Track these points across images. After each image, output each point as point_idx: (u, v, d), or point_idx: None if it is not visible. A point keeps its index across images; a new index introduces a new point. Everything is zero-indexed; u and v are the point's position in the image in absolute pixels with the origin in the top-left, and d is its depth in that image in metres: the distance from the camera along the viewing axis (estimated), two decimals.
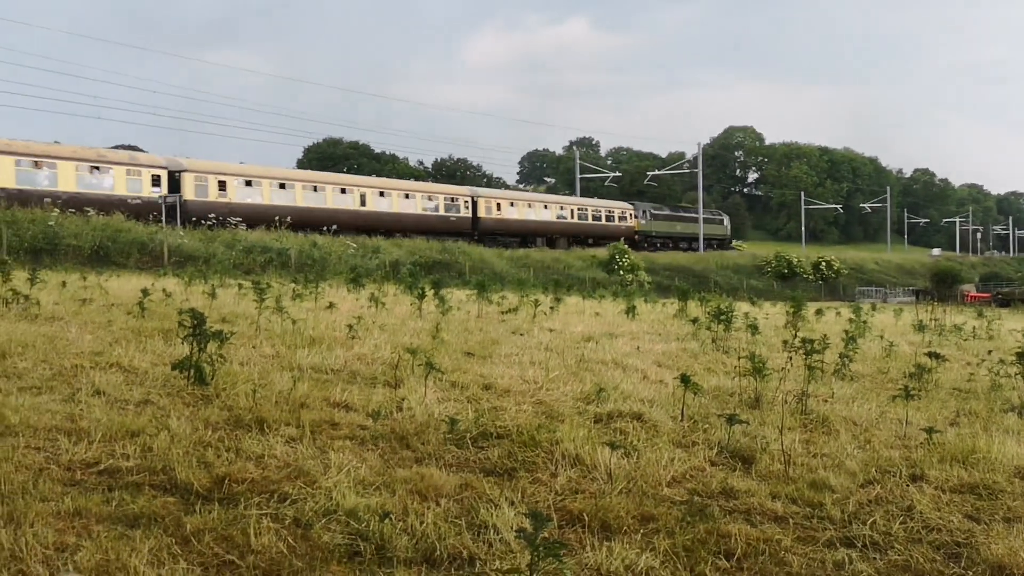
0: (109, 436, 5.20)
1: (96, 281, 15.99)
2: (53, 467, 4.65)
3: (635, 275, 48.80)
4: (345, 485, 4.53)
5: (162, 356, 7.88)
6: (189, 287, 16.38)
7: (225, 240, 31.36)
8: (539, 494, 4.70)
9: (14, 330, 8.89)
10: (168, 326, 9.39)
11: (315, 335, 9.95)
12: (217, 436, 5.38)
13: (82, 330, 9.33)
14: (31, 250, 24.39)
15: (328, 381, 7.32)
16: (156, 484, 4.51)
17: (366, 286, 19.54)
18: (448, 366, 8.13)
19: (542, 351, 10.19)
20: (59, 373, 6.97)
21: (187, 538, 3.80)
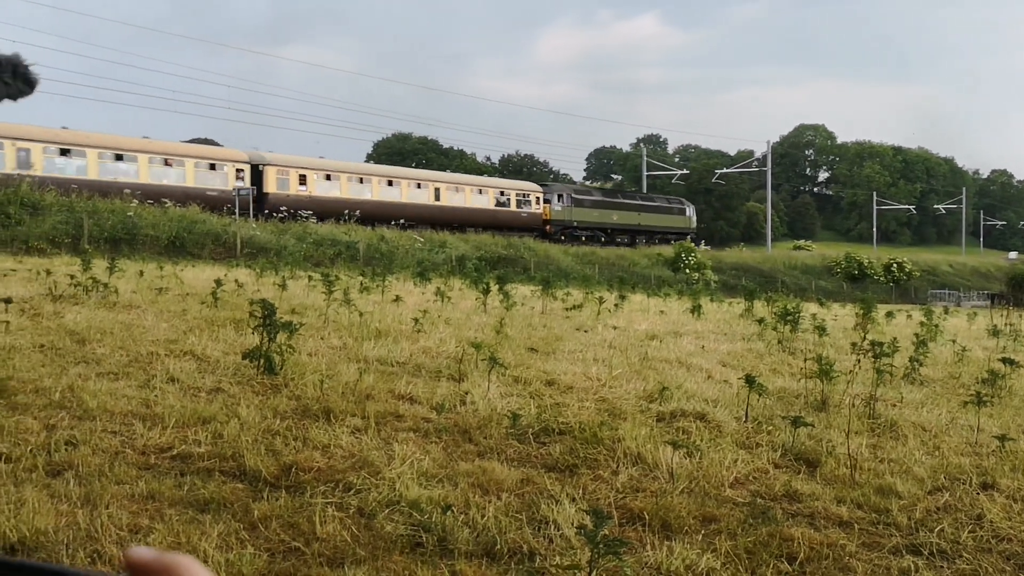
0: (182, 422, 5.36)
1: (172, 271, 16.41)
2: (128, 451, 4.81)
3: (701, 274, 48.30)
4: (408, 477, 4.60)
5: (233, 345, 8.07)
6: (260, 278, 16.73)
7: (296, 233, 31.94)
8: (600, 491, 4.71)
9: (93, 317, 9.21)
10: (240, 316, 9.60)
11: (381, 328, 10.07)
12: (285, 425, 5.50)
13: (158, 318, 9.61)
14: (110, 240, 25.14)
15: (393, 373, 7.42)
16: (226, 470, 4.63)
17: (432, 280, 19.70)
18: (512, 361, 8.17)
19: (606, 348, 10.16)
20: (135, 360, 7.19)
21: (254, 524, 3.90)
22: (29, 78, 1.55)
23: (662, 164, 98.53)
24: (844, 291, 50.95)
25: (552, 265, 39.61)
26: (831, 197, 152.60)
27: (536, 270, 34.70)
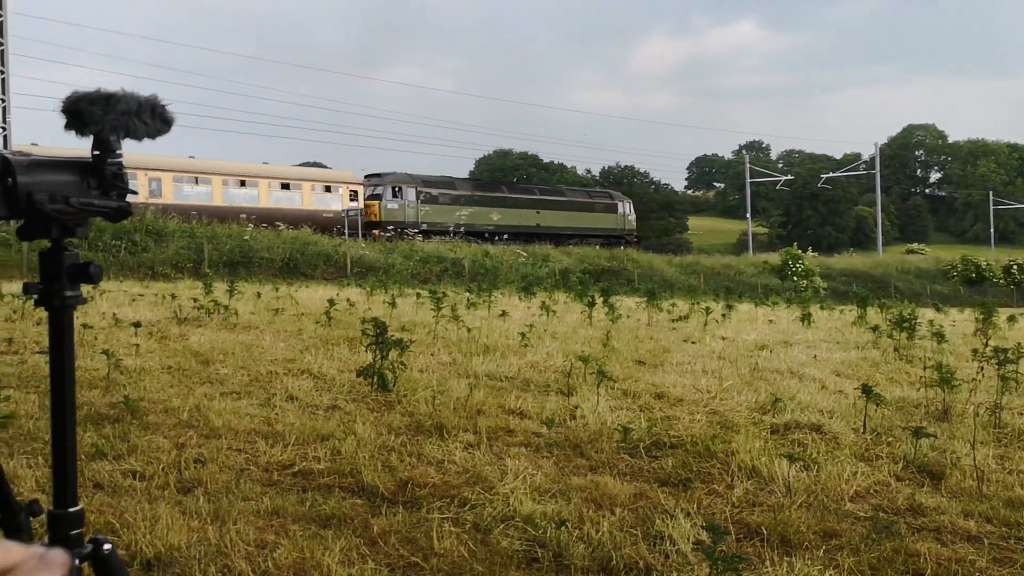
0: (302, 439, 5.54)
1: (287, 291, 16.98)
2: (253, 468, 5.00)
3: (809, 281, 47.02)
4: (522, 492, 4.64)
5: (347, 363, 8.30)
6: (370, 297, 17.12)
7: (403, 251, 32.57)
8: (715, 506, 4.66)
9: (216, 338, 9.62)
10: (352, 334, 9.87)
11: (489, 343, 10.19)
12: (400, 441, 5.62)
13: (275, 338, 9.97)
14: (229, 263, 26.17)
15: (503, 388, 7.50)
16: (345, 486, 4.76)
17: (537, 294, 19.80)
18: (620, 374, 8.15)
19: (714, 360, 10.04)
20: (256, 379, 7.48)
21: (374, 539, 4.01)
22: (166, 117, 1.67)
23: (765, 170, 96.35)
24: (961, 295, 48.80)
25: (656, 276, 39.28)
26: (944, 198, 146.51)
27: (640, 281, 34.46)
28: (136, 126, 1.56)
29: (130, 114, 1.55)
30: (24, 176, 1.41)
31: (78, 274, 1.52)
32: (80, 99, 1.53)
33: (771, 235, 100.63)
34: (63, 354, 1.52)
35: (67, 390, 1.52)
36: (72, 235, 1.52)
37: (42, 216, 1.45)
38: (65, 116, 1.54)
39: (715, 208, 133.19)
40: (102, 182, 1.53)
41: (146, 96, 1.61)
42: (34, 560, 0.45)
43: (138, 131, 1.58)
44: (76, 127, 1.54)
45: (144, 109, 1.57)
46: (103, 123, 1.52)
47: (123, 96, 1.55)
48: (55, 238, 1.50)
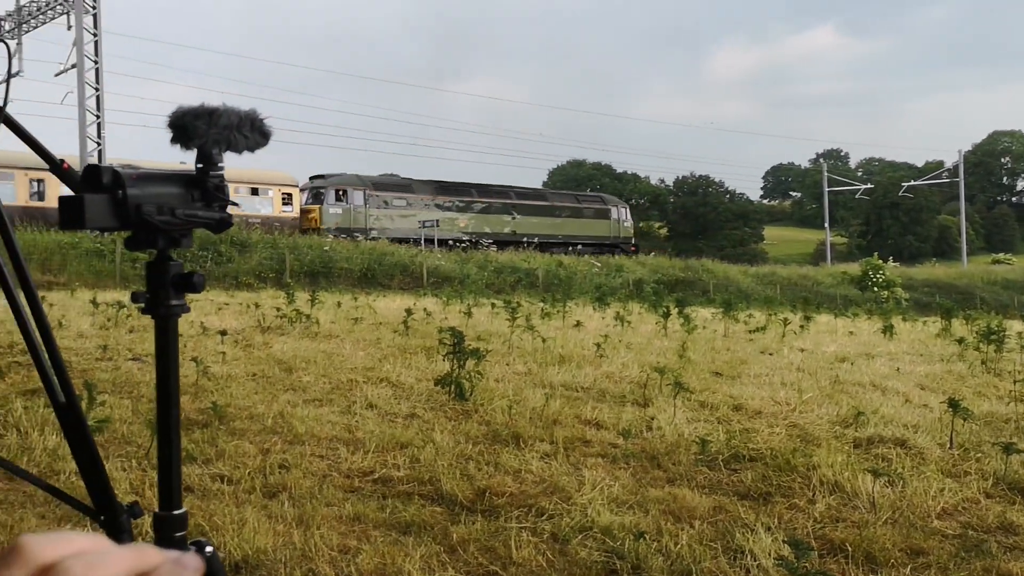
0: (381, 447, 5.62)
1: (365, 301, 17.24)
2: (335, 474, 5.09)
3: (890, 292, 45.76)
4: (599, 502, 4.63)
5: (425, 372, 8.39)
6: (446, 306, 17.27)
7: (477, 261, 32.81)
8: (797, 520, 4.58)
9: (298, 347, 9.83)
10: (429, 344, 9.98)
11: (564, 353, 10.19)
12: (477, 450, 5.66)
13: (355, 347, 10.14)
14: (309, 273, 26.75)
15: (578, 399, 7.50)
16: (424, 494, 4.81)
17: (610, 304, 19.72)
18: (696, 386, 8.07)
19: (793, 371, 9.86)
20: (337, 387, 7.62)
21: (454, 547, 4.04)
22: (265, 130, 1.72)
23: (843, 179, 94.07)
24: None
25: (732, 287, 38.75)
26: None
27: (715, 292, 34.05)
28: (237, 139, 1.62)
29: (231, 128, 1.61)
30: (133, 188, 1.48)
31: (182, 284, 1.58)
32: (185, 114, 1.60)
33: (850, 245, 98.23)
34: (168, 361, 1.58)
35: (172, 395, 1.58)
36: (177, 246, 1.58)
37: (150, 227, 1.51)
38: (171, 130, 1.60)
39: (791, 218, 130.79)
40: (205, 194, 1.59)
41: (246, 110, 1.67)
42: (170, 564, 0.46)
43: (238, 144, 1.64)
44: (181, 141, 1.60)
45: (244, 123, 1.63)
46: (206, 137, 1.58)
47: (225, 111, 1.61)
48: (161, 249, 1.57)
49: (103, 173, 1.48)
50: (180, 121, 1.61)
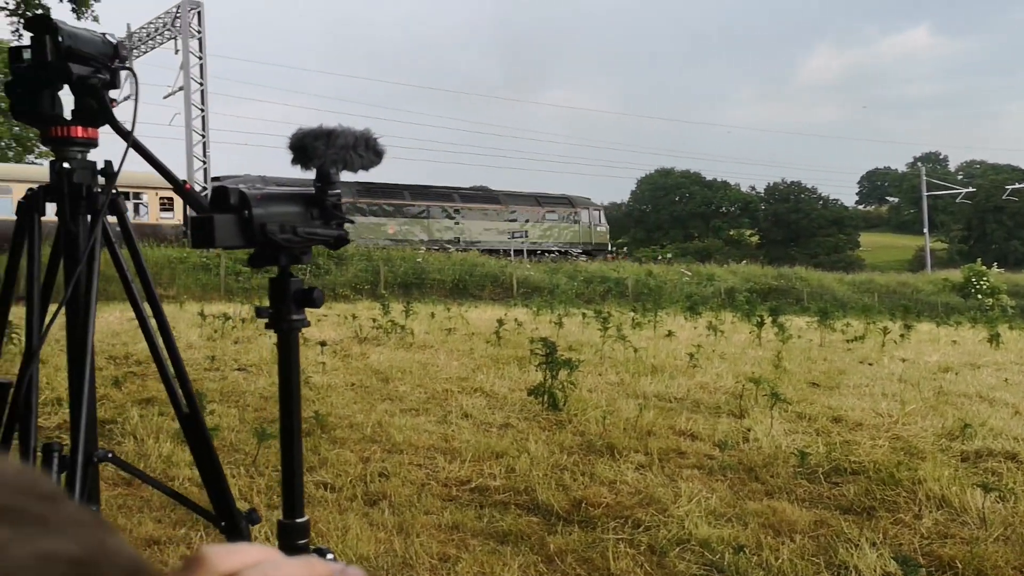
0: (477, 456, 5.68)
1: (458, 312, 17.44)
2: (433, 483, 5.17)
3: (996, 299, 43.88)
4: (696, 515, 4.59)
5: (518, 382, 8.44)
6: (537, 316, 17.34)
7: (567, 271, 32.85)
8: (902, 536, 4.46)
9: (394, 357, 10.01)
10: (521, 354, 10.04)
11: (656, 363, 10.13)
12: (572, 460, 5.68)
13: (449, 357, 10.27)
14: (403, 284, 27.23)
15: (672, 409, 7.44)
16: (520, 504, 4.85)
17: (702, 314, 19.49)
18: (793, 396, 7.92)
19: (894, 382, 9.59)
20: (432, 397, 7.73)
21: (551, 557, 4.06)
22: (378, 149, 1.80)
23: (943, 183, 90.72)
24: None
25: (827, 295, 37.81)
26: None
27: (810, 300, 33.29)
28: (353, 159, 1.69)
29: (348, 148, 1.68)
30: (258, 208, 1.56)
31: (303, 299, 1.66)
32: (305, 135, 1.68)
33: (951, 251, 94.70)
34: (290, 373, 1.66)
35: (293, 407, 1.66)
36: (298, 262, 1.66)
37: (273, 245, 1.59)
38: (291, 152, 1.68)
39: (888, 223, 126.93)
40: (323, 212, 1.66)
41: (361, 130, 1.74)
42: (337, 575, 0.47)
43: (354, 164, 1.71)
44: (301, 161, 1.68)
45: (359, 143, 1.71)
46: (325, 157, 1.65)
47: (342, 132, 1.68)
48: (283, 265, 1.64)
49: (230, 194, 1.57)
50: (300, 142, 1.68)
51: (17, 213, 2.00)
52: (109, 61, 2.03)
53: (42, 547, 0.28)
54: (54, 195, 1.98)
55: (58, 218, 1.99)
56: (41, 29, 1.91)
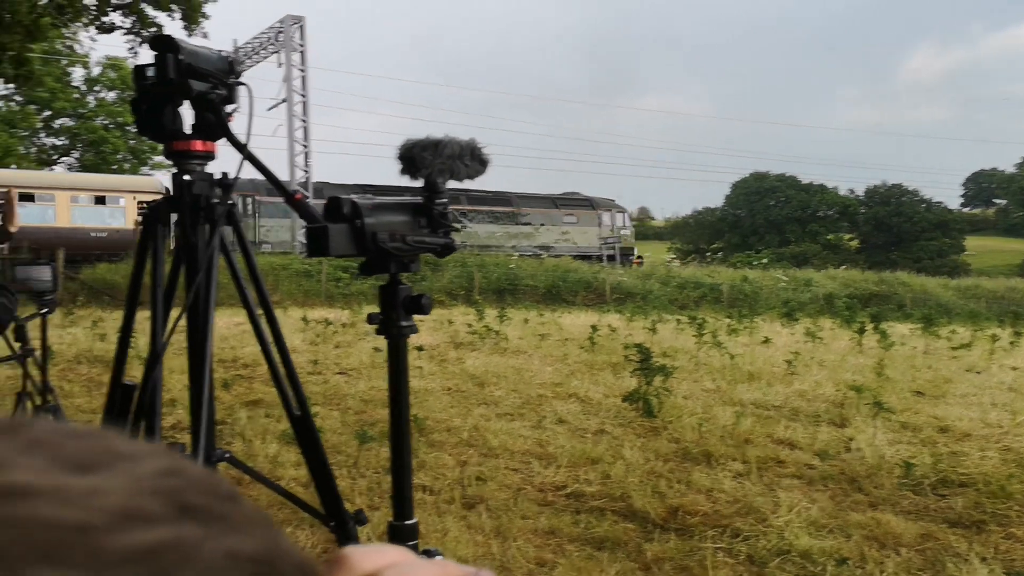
0: (573, 462, 5.69)
1: (551, 317, 17.49)
2: (529, 488, 5.20)
3: None
4: (797, 525, 4.51)
5: (612, 388, 8.42)
6: (630, 322, 17.24)
7: (660, 277, 32.56)
8: (1015, 551, 4.29)
9: (489, 362, 10.11)
10: (615, 360, 10.01)
11: (753, 370, 9.97)
12: (667, 467, 5.64)
13: (543, 362, 10.32)
14: (495, 290, 27.41)
15: (770, 417, 7.32)
16: (616, 510, 4.84)
17: (800, 320, 19.06)
18: (897, 405, 7.69)
19: (1004, 391, 9.21)
20: (527, 401, 7.78)
21: (648, 565, 4.04)
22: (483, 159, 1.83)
23: None
24: None
25: (931, 300, 36.52)
26: None
27: (913, 306, 32.21)
28: (459, 168, 1.74)
29: (454, 158, 1.73)
30: (370, 218, 1.61)
31: (412, 306, 1.70)
32: (413, 146, 1.73)
33: None
34: (400, 379, 1.71)
35: (403, 412, 1.71)
36: (407, 270, 1.71)
37: (383, 253, 1.65)
38: (400, 162, 1.74)
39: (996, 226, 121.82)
40: (431, 221, 1.71)
41: (466, 140, 1.78)
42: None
43: (460, 173, 1.75)
44: (409, 171, 1.73)
45: (465, 152, 1.75)
46: (432, 167, 1.70)
47: (448, 142, 1.73)
48: (392, 273, 1.70)
49: (343, 204, 1.63)
50: (409, 153, 1.74)
51: (142, 223, 2.11)
52: (226, 77, 2.12)
53: (230, 545, 0.30)
54: (175, 206, 2.08)
55: (179, 228, 2.09)
56: (164, 48, 2.01)
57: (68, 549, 0.26)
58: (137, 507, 0.28)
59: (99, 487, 0.28)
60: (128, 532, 0.27)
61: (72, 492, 0.27)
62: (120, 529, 0.27)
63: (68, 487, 0.28)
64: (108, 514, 0.27)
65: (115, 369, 2.13)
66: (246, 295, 2.17)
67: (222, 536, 0.30)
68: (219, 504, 0.31)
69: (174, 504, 0.29)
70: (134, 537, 0.27)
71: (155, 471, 0.30)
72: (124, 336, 2.14)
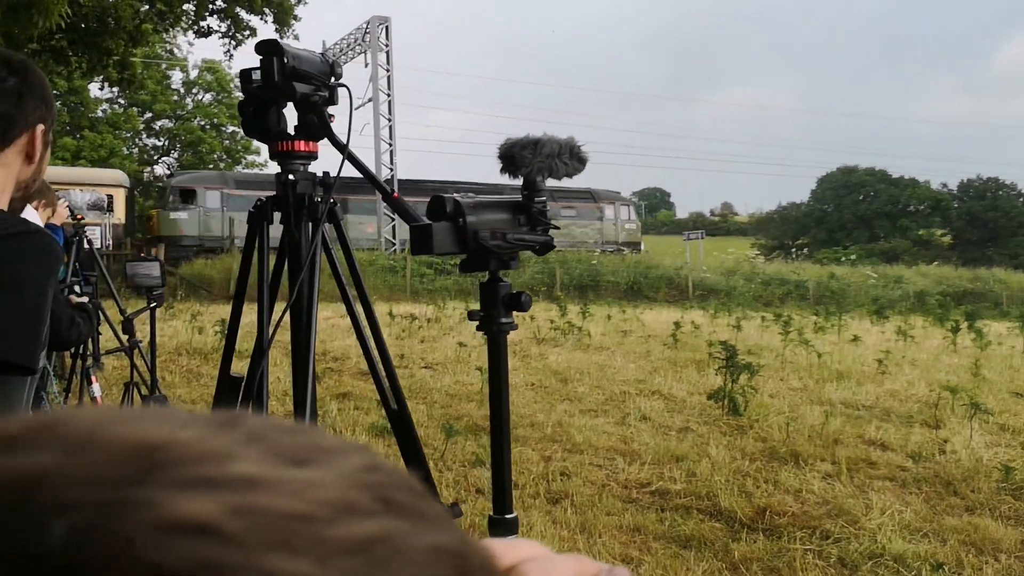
0: (657, 459, 5.67)
1: (633, 314, 17.39)
2: (613, 484, 5.20)
3: None
4: (890, 528, 4.42)
5: (696, 385, 8.34)
6: (714, 319, 17.03)
7: (744, 273, 32.03)
8: None
9: (571, 358, 10.11)
10: (699, 357, 9.91)
11: (841, 369, 9.76)
12: (754, 466, 5.57)
13: (626, 359, 10.27)
14: (577, 286, 27.37)
15: (860, 417, 7.16)
16: (702, 508, 4.80)
17: (890, 318, 18.57)
18: (994, 407, 7.44)
19: None
20: (610, 398, 7.76)
21: (735, 565, 4.01)
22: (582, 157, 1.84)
23: None
24: None
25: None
26: None
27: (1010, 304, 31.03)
28: (557, 166, 1.75)
29: (553, 156, 1.74)
30: (472, 216, 1.64)
31: (512, 303, 1.73)
32: (513, 145, 1.75)
33: None
34: (500, 375, 1.74)
35: (503, 407, 1.73)
36: (507, 267, 1.73)
37: (484, 251, 1.67)
38: (500, 161, 1.76)
39: None
40: (530, 218, 1.73)
41: (565, 138, 1.79)
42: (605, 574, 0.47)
43: (558, 171, 1.77)
44: (509, 170, 1.76)
45: (564, 150, 1.76)
46: (531, 165, 1.72)
47: (547, 140, 1.75)
48: (492, 271, 1.72)
49: (446, 203, 1.66)
50: (509, 152, 1.76)
51: (248, 221, 2.18)
52: (327, 79, 2.18)
53: (431, 539, 0.31)
54: (280, 204, 2.15)
55: (283, 225, 2.16)
56: (269, 52, 2.08)
57: (296, 538, 0.28)
58: (351, 500, 0.30)
59: (316, 480, 0.30)
60: (345, 523, 0.29)
61: (295, 484, 0.29)
62: (338, 520, 0.29)
63: (291, 479, 0.29)
64: (327, 505, 0.29)
65: (223, 361, 2.21)
66: (345, 291, 2.23)
67: (424, 530, 0.31)
68: (416, 500, 0.33)
69: (379, 498, 0.31)
70: (351, 528, 0.29)
71: (360, 467, 0.32)
72: (231, 330, 2.22)
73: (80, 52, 12.87)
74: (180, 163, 40.57)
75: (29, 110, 1.49)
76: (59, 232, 4.37)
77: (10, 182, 1.50)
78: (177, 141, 41.54)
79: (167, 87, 40.47)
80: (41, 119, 1.52)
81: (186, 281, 21.13)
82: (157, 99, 39.12)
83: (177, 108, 41.03)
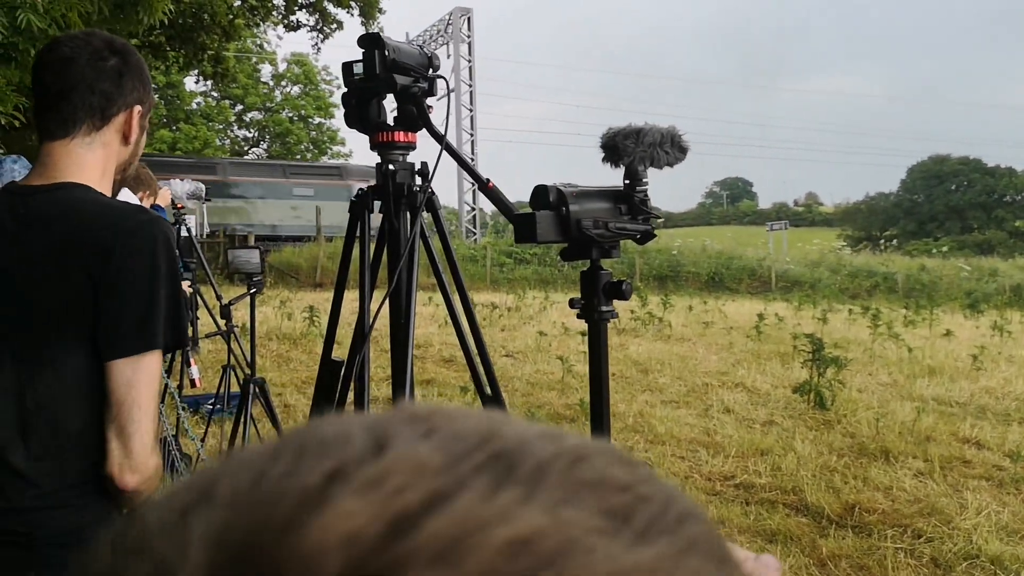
0: (741, 452, 5.61)
1: (715, 305, 17.19)
2: (696, 476, 5.17)
3: None
4: (986, 529, 4.29)
5: (780, 379, 8.21)
6: (798, 312, 16.72)
7: (830, 264, 31.32)
8: None
9: (652, 349, 10.05)
10: (783, 349, 9.75)
11: (933, 364, 9.49)
12: (842, 462, 5.46)
13: (707, 351, 10.17)
14: (657, 277, 27.12)
15: (953, 414, 6.96)
16: (788, 503, 4.74)
17: (985, 312, 17.96)
18: None
19: None
20: (692, 390, 7.69)
21: (823, 561, 3.95)
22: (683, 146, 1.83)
23: None
24: None
25: None
26: None
27: None
28: (659, 156, 1.75)
29: (655, 145, 1.74)
30: (574, 205, 1.65)
31: (612, 291, 1.73)
32: (616, 134, 1.75)
33: None
34: (600, 363, 1.74)
35: (603, 395, 1.74)
36: (608, 256, 1.74)
37: (586, 240, 1.68)
38: (603, 151, 1.76)
39: None
40: (631, 208, 1.73)
41: (666, 128, 1.79)
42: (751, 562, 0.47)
43: (660, 160, 1.76)
44: (611, 160, 1.76)
45: (665, 140, 1.75)
46: (634, 155, 1.72)
47: (649, 130, 1.74)
48: (593, 259, 1.73)
49: (549, 192, 1.67)
50: (611, 141, 1.76)
51: (350, 210, 2.24)
52: (425, 71, 2.21)
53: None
54: (380, 194, 2.19)
55: (383, 215, 2.20)
56: (371, 45, 2.12)
57: None
58: None
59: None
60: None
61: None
62: None
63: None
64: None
65: (325, 345, 2.26)
66: (442, 279, 2.26)
67: None
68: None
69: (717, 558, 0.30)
70: None
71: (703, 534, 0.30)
72: (333, 315, 2.28)
73: (177, 47, 13.29)
74: (269, 154, 41.53)
75: (128, 90, 1.54)
76: (163, 213, 4.52)
77: (111, 163, 1.55)
78: (266, 132, 42.53)
79: (257, 80, 41.44)
80: (139, 100, 1.57)
81: (275, 269, 21.63)
82: (248, 92, 40.11)
83: (266, 100, 41.99)
